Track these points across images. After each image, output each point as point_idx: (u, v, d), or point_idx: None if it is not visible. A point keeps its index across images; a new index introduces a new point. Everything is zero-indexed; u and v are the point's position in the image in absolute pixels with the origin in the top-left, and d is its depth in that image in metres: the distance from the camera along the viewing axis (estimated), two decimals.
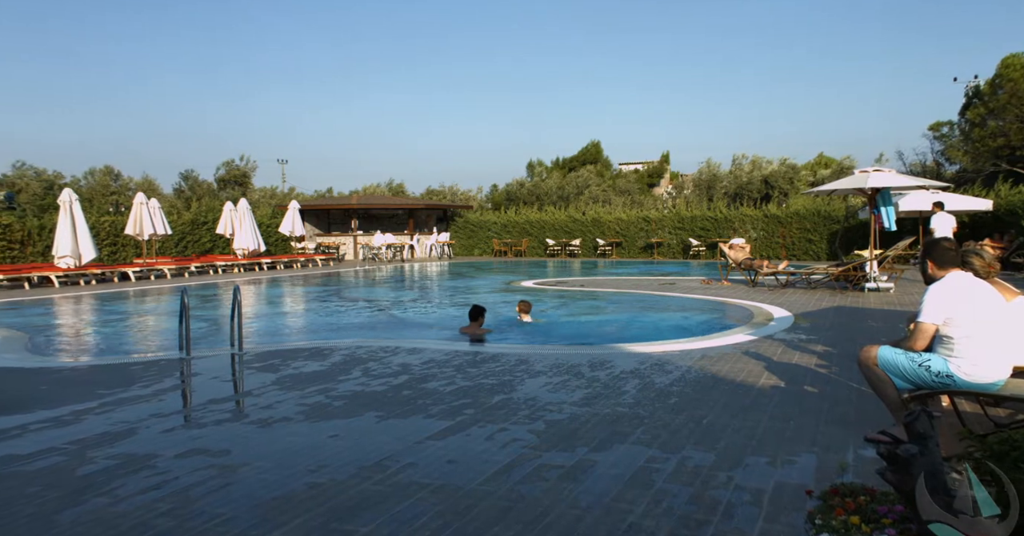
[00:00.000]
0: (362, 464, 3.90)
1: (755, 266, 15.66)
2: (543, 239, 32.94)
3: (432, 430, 4.57)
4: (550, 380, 6.07)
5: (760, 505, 3.25)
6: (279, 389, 5.82)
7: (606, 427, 4.59)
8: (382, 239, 30.59)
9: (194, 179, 40.06)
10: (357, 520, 3.13)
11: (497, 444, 4.25)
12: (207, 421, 4.90)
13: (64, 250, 17.79)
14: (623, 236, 31.60)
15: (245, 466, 3.90)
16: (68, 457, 4.08)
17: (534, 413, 4.96)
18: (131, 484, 3.62)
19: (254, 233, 24.20)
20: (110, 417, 4.98)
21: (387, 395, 5.57)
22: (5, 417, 4.99)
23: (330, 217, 34.42)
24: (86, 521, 3.16)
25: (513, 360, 7.01)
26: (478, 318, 9.40)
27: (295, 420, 4.87)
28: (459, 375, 6.29)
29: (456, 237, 34.58)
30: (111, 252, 23.11)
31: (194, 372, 6.68)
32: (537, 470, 3.77)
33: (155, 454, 4.12)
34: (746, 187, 36.38)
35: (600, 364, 6.75)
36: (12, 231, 20.80)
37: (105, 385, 6.03)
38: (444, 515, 3.17)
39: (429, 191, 46.39)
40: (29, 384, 6.22)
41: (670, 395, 5.46)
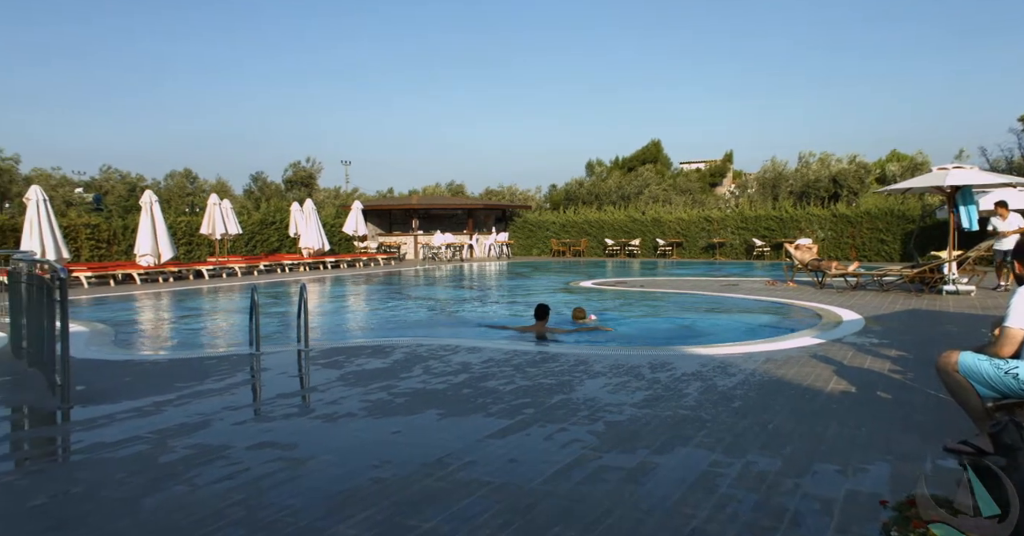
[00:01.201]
0: (424, 461, 3.97)
1: (823, 267, 15.14)
2: (602, 239, 32.69)
3: (492, 429, 4.60)
4: (609, 381, 6.03)
5: (830, 514, 3.15)
6: (343, 385, 5.97)
7: (667, 430, 4.53)
8: (442, 239, 30.97)
9: (263, 181, 41.52)
10: (420, 515, 3.19)
11: (557, 444, 4.25)
12: (276, 415, 5.08)
13: (145, 249, 18.74)
14: (684, 236, 31.04)
15: (312, 459, 4.02)
16: (150, 446, 4.30)
17: (594, 414, 4.94)
18: (207, 473, 3.79)
19: (319, 233, 24.88)
20: (187, 409, 5.21)
21: (447, 393, 5.64)
22: (95, 406, 5.29)
23: (391, 217, 35.08)
24: (167, 507, 3.33)
25: (572, 360, 6.99)
26: (544, 317, 9.43)
27: (359, 416, 4.99)
28: (518, 375, 6.32)
29: (514, 237, 34.69)
30: (187, 251, 24.18)
31: (263, 367, 6.92)
32: (598, 471, 3.75)
33: (228, 445, 4.29)
34: (813, 186, 35.14)
35: (661, 366, 6.66)
36: (100, 231, 22.06)
37: (182, 378, 6.32)
38: (505, 513, 3.20)
39: (488, 191, 46.69)
40: (115, 376, 6.58)
41: (733, 398, 5.34)
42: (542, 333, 9.28)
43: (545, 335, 9.21)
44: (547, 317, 9.50)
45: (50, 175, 33.42)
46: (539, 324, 9.43)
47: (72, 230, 21.08)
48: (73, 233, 21.07)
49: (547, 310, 9.53)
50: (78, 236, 21.33)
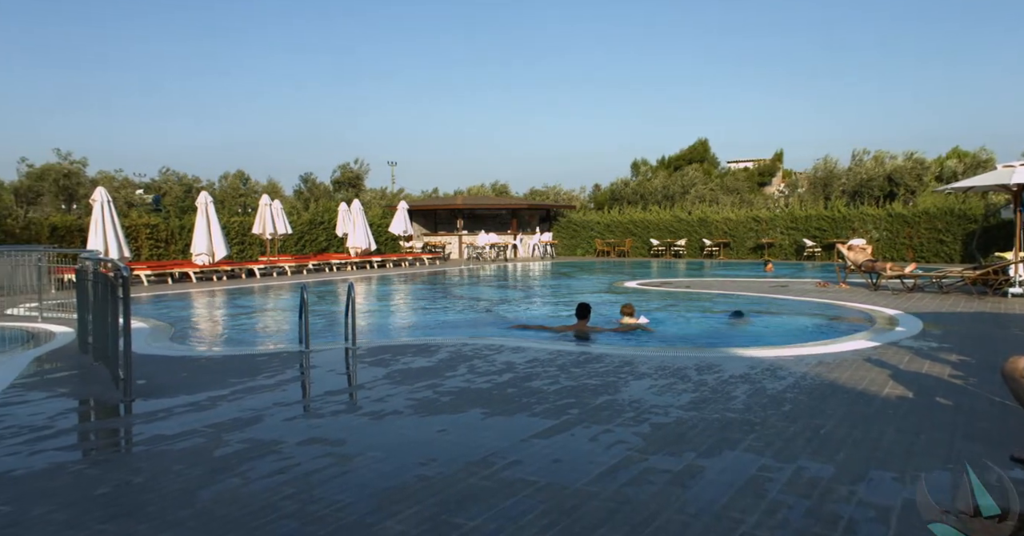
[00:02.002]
0: (469, 459, 4.00)
1: (877, 268, 14.66)
2: (647, 239, 32.35)
3: (536, 428, 4.61)
4: (655, 382, 5.96)
5: (887, 523, 3.05)
6: (390, 383, 6.06)
7: (715, 432, 4.46)
8: (486, 239, 31.12)
9: (312, 181, 42.41)
10: (465, 513, 3.22)
11: (602, 445, 4.23)
12: (325, 411, 5.18)
13: (200, 248, 19.36)
14: (731, 236, 30.48)
15: (360, 456, 4.09)
16: (206, 439, 4.45)
17: (639, 415, 4.90)
18: (260, 467, 3.90)
19: (366, 233, 25.29)
20: (240, 404, 5.37)
21: (492, 392, 5.67)
22: (154, 400, 5.50)
23: (436, 217, 35.41)
24: (222, 499, 3.43)
25: (617, 361, 6.94)
26: (585, 316, 9.40)
27: (405, 414, 5.05)
28: (563, 375, 6.31)
29: (559, 237, 34.62)
30: (239, 250, 24.88)
31: (312, 364, 7.08)
32: (643, 473, 3.72)
33: (280, 441, 4.40)
34: (867, 184, 34.03)
35: (707, 368, 6.56)
36: (158, 231, 22.90)
37: (235, 374, 6.51)
38: (550, 513, 3.20)
39: (532, 191, 46.69)
40: (173, 371, 6.82)
41: (783, 402, 5.22)
42: (583, 333, 9.24)
43: (587, 335, 9.17)
44: (588, 316, 9.46)
45: (113, 177, 34.80)
46: (580, 323, 9.40)
47: (133, 230, 21.93)
48: (134, 233, 21.91)
49: (588, 309, 9.48)
50: (139, 236, 22.18)
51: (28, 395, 5.75)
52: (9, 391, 5.89)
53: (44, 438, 4.52)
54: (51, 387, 6.10)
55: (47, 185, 29.37)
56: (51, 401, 5.58)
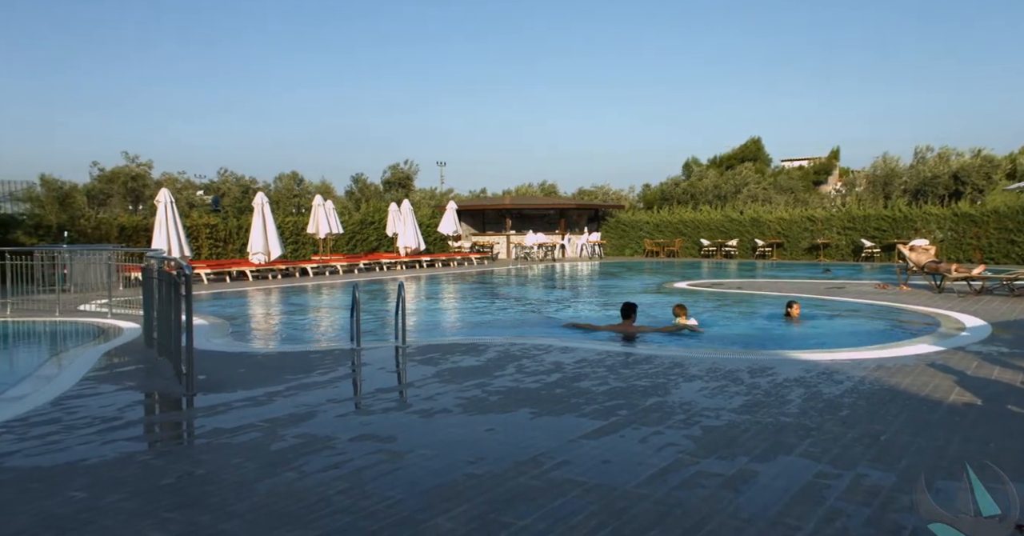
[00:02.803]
0: (517, 459, 4.01)
1: (942, 270, 14.08)
2: (697, 239, 31.83)
3: (585, 429, 4.59)
4: (706, 385, 5.87)
5: None
6: (439, 382, 6.13)
7: (769, 436, 4.36)
8: (534, 239, 31.13)
9: (363, 182, 43.15)
10: (514, 513, 3.23)
11: (652, 447, 4.19)
12: (376, 409, 5.28)
13: (257, 247, 19.95)
14: (785, 236, 29.72)
15: (410, 453, 4.15)
16: (263, 433, 4.58)
17: (690, 418, 4.83)
18: (314, 462, 3.99)
19: (415, 232, 25.62)
20: (295, 400, 5.51)
21: (540, 392, 5.67)
22: (214, 395, 5.70)
23: (484, 217, 35.60)
24: (279, 492, 3.54)
25: (667, 362, 6.86)
26: (630, 315, 9.31)
27: (454, 412, 5.10)
28: (612, 376, 6.27)
29: (607, 237, 34.38)
30: (293, 249, 25.52)
31: (363, 362, 7.21)
32: (695, 476, 3.67)
33: (333, 436, 4.50)
34: (930, 183, 32.67)
35: (760, 370, 6.42)
36: (217, 231, 23.71)
37: (290, 370, 6.69)
38: (599, 514, 3.18)
39: (581, 191, 46.47)
40: (231, 367, 7.05)
41: (840, 407, 5.07)
42: (630, 333, 9.14)
43: (633, 335, 9.07)
44: (634, 316, 9.35)
45: (176, 179, 36.15)
46: (626, 323, 9.30)
47: (194, 230, 22.74)
48: (195, 232, 22.71)
49: (634, 308, 9.38)
50: (199, 235, 22.98)
51: (99, 387, 6.03)
52: (83, 383, 6.19)
53: (114, 429, 4.73)
54: (120, 380, 6.38)
55: (116, 187, 30.71)
56: (120, 394, 5.84)
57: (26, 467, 3.96)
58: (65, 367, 7.00)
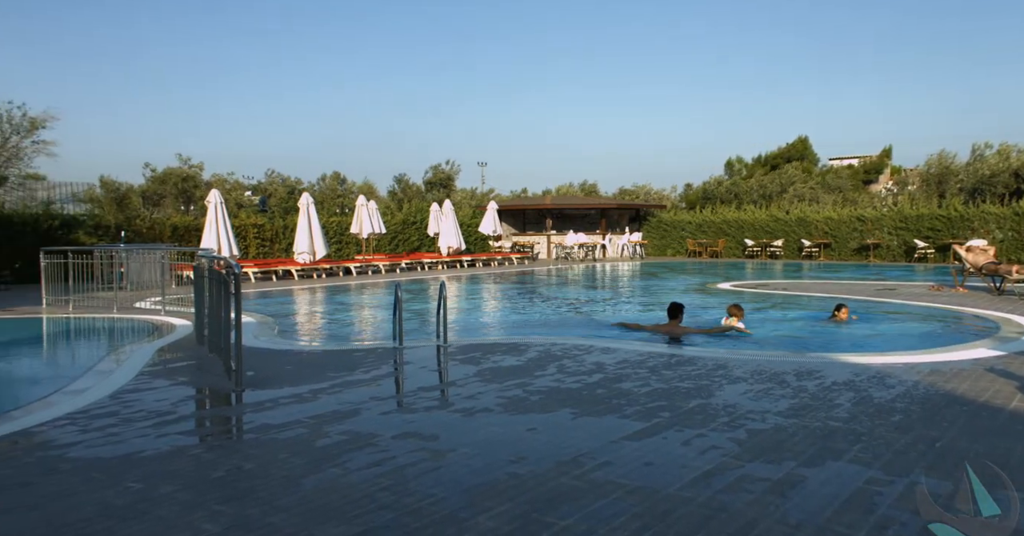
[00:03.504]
0: (559, 459, 4.01)
1: (1002, 271, 13.52)
2: (741, 240, 31.26)
3: (627, 430, 4.56)
4: (751, 387, 5.77)
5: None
6: (480, 381, 6.16)
7: (816, 441, 4.26)
8: (574, 239, 31.01)
9: (406, 182, 43.67)
10: (556, 513, 3.23)
11: (695, 450, 4.14)
12: (418, 407, 5.34)
13: (302, 247, 20.36)
14: (832, 237, 28.96)
15: (452, 452, 4.19)
16: (308, 430, 4.68)
17: (734, 420, 4.75)
18: (358, 459, 4.06)
19: (456, 232, 25.79)
20: (339, 397, 5.61)
21: (582, 393, 5.65)
22: (262, 391, 5.84)
23: (525, 217, 35.62)
24: (324, 488, 3.61)
25: (710, 364, 6.76)
26: (677, 315, 9.20)
27: (495, 411, 5.12)
28: (654, 377, 6.21)
29: (649, 237, 34.04)
30: (337, 249, 25.96)
31: (405, 361, 7.30)
32: (739, 480, 3.61)
33: (376, 434, 4.57)
34: (989, 181, 31.39)
35: (807, 373, 6.27)
36: (264, 231, 24.30)
37: (334, 368, 6.81)
38: (642, 517, 3.16)
39: (622, 191, 46.13)
40: (278, 364, 7.22)
41: (893, 412, 4.92)
42: (676, 333, 9.04)
43: (679, 335, 8.96)
44: (680, 316, 9.24)
45: (225, 180, 37.17)
46: (672, 323, 9.19)
47: (242, 229, 23.34)
48: (243, 232, 23.31)
49: (680, 309, 9.26)
50: (247, 235, 23.58)
51: (154, 382, 6.24)
52: (139, 378, 6.42)
53: (168, 423, 4.90)
54: (173, 376, 6.59)
55: (168, 188, 31.75)
56: (173, 388, 6.03)
57: (88, 457, 4.13)
58: (122, 362, 7.27)
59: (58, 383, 6.32)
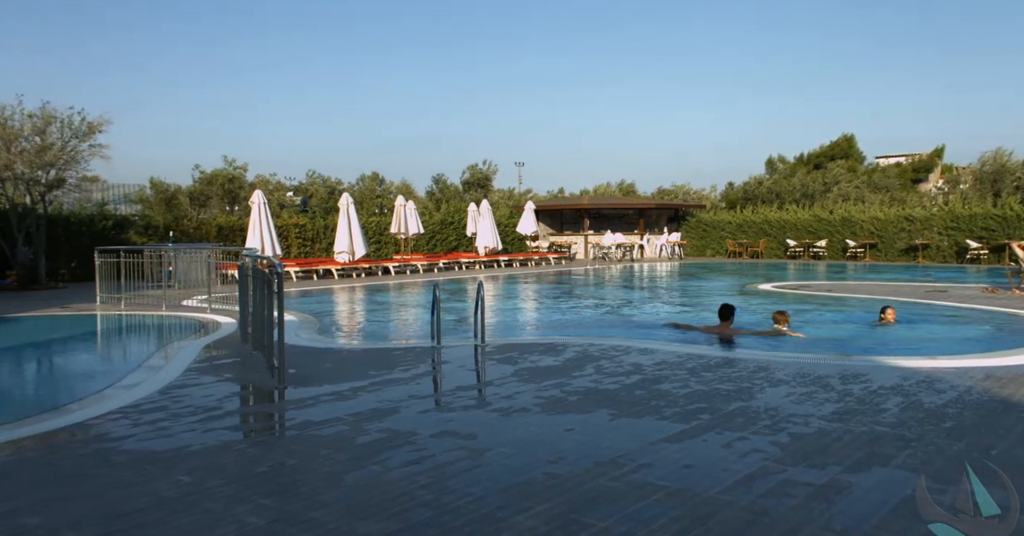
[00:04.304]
0: (597, 459, 3.99)
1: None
2: (783, 240, 30.63)
3: (666, 432, 4.52)
4: (793, 390, 5.65)
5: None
6: (518, 381, 6.17)
7: (863, 446, 4.16)
8: (612, 239, 30.81)
9: (443, 182, 43.97)
10: (594, 514, 3.22)
11: (736, 453, 4.08)
12: (456, 406, 5.37)
13: (342, 247, 20.68)
14: (879, 237, 28.16)
15: (490, 451, 4.20)
16: (349, 427, 4.75)
17: (776, 424, 4.66)
18: (397, 457, 4.11)
19: (494, 232, 25.87)
20: (378, 395, 5.69)
21: (620, 394, 5.62)
22: (303, 388, 5.96)
23: (562, 217, 35.53)
24: (364, 484, 3.66)
25: (751, 366, 6.65)
26: (728, 317, 9.06)
27: (533, 411, 5.13)
28: (693, 378, 6.13)
29: (688, 237, 33.62)
30: (376, 249, 26.29)
31: (443, 360, 7.35)
32: (782, 485, 3.54)
33: (415, 432, 4.61)
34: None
35: (853, 377, 6.12)
36: (305, 230, 24.76)
37: (374, 366, 6.90)
38: (682, 520, 3.13)
39: (660, 190, 45.66)
40: (319, 362, 7.35)
41: (944, 418, 4.77)
42: (727, 335, 8.90)
43: (729, 337, 8.82)
44: (732, 318, 9.09)
45: (268, 180, 37.96)
46: (723, 325, 9.06)
47: (284, 229, 23.81)
48: (285, 232, 23.78)
49: (731, 310, 9.11)
50: (288, 235, 24.06)
51: (201, 379, 6.42)
52: (186, 374, 6.61)
53: (214, 418, 5.03)
54: (218, 372, 6.77)
55: (214, 189, 32.57)
56: (218, 385, 6.20)
57: (140, 450, 4.27)
58: (171, 359, 7.49)
59: (111, 378, 6.55)
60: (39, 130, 16.74)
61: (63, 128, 16.97)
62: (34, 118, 16.77)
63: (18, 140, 16.50)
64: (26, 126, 16.69)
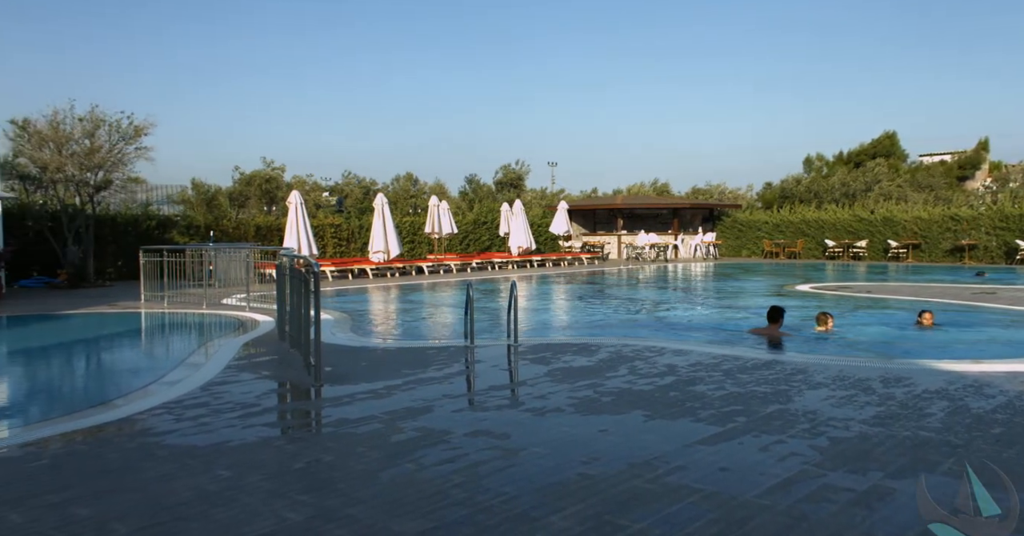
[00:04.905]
0: (631, 461, 3.97)
1: None
2: (821, 240, 30.02)
3: (701, 434, 4.46)
4: (833, 393, 5.54)
5: None
6: (551, 381, 6.16)
7: (906, 452, 4.05)
8: (645, 239, 30.57)
9: (476, 182, 44.12)
10: (629, 516, 3.20)
11: (773, 456, 4.01)
12: (489, 405, 5.39)
13: (378, 246, 20.92)
14: (922, 237, 27.40)
15: (524, 450, 4.21)
16: (383, 425, 4.80)
17: (815, 427, 4.57)
18: (431, 455, 4.14)
19: (526, 232, 25.88)
20: (412, 394, 5.73)
21: (654, 395, 5.57)
22: (339, 386, 6.04)
23: (595, 217, 35.37)
24: (400, 482, 3.69)
25: (789, 369, 6.53)
26: (777, 319, 8.87)
27: (566, 412, 5.11)
28: (728, 380, 6.05)
29: (723, 237, 33.17)
30: (409, 248, 26.53)
31: (476, 359, 7.38)
32: (821, 490, 3.47)
33: (448, 431, 4.64)
34: None
35: (895, 380, 5.97)
36: (341, 230, 25.12)
37: (408, 365, 6.96)
38: (718, 523, 3.09)
39: (695, 190, 45.14)
40: (354, 360, 7.44)
41: (993, 423, 4.62)
42: (775, 338, 8.72)
43: (778, 340, 8.64)
44: (781, 320, 8.89)
45: (304, 181, 38.55)
46: (772, 327, 8.87)
47: (320, 229, 24.18)
48: (320, 232, 24.15)
49: (780, 312, 8.92)
50: (324, 234, 24.42)
51: (240, 376, 6.56)
52: (226, 371, 6.75)
53: (253, 414, 5.13)
54: (257, 370, 6.90)
55: (253, 189, 33.22)
56: (257, 382, 6.32)
57: (183, 445, 4.38)
58: (211, 356, 7.66)
59: (155, 374, 6.74)
60: (88, 133, 17.29)
61: (111, 131, 17.50)
62: (84, 121, 17.33)
63: (69, 143, 17.06)
64: (76, 129, 17.25)
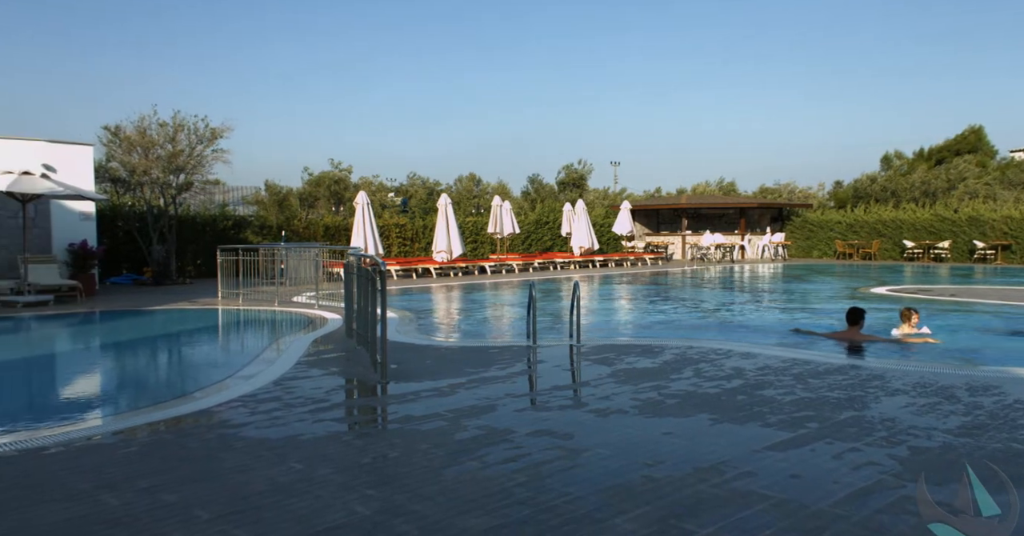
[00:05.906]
0: (697, 465, 3.90)
1: None
2: (899, 241, 28.64)
3: (771, 440, 4.34)
4: (913, 401, 5.28)
5: None
6: (614, 382, 6.11)
7: (996, 465, 3.82)
8: (711, 239, 29.90)
9: (539, 182, 44.15)
10: (695, 520, 3.14)
11: (848, 465, 3.86)
12: (552, 405, 5.39)
13: (441, 246, 21.21)
14: (1013, 238, 25.79)
15: (587, 451, 4.19)
16: (447, 423, 4.87)
17: (893, 436, 4.38)
18: (495, 454, 4.17)
19: (589, 232, 25.73)
20: (476, 393, 5.79)
21: (720, 398, 5.45)
22: (404, 384, 6.16)
23: (659, 217, 34.84)
24: (464, 480, 3.74)
25: (864, 374, 6.27)
26: (858, 322, 8.51)
27: (630, 413, 5.07)
28: (799, 385, 5.86)
29: (792, 238, 32.09)
30: (472, 248, 26.78)
31: (539, 359, 7.39)
32: (901, 501, 3.33)
33: (511, 430, 4.67)
34: None
35: (983, 389, 5.65)
36: (405, 230, 25.61)
37: (471, 364, 7.04)
38: (789, 532, 3.00)
39: (762, 189, 43.85)
40: (419, 358, 7.57)
41: None
42: (856, 341, 8.38)
43: (859, 344, 8.30)
44: (861, 322, 8.52)
45: (371, 182, 39.49)
46: (852, 330, 8.51)
47: (385, 229, 24.71)
48: (386, 232, 24.68)
49: (860, 314, 8.55)
50: (390, 234, 24.94)
51: (309, 372, 6.78)
52: (297, 367, 6.99)
53: (322, 409, 5.30)
54: (326, 366, 7.12)
55: (322, 190, 34.25)
56: (326, 378, 6.52)
57: (258, 437, 4.57)
58: (283, 352, 7.95)
59: (231, 369, 7.04)
60: (170, 137, 18.21)
61: (190, 134, 18.38)
62: (166, 126, 18.26)
63: (154, 147, 18.01)
64: (159, 134, 18.20)
